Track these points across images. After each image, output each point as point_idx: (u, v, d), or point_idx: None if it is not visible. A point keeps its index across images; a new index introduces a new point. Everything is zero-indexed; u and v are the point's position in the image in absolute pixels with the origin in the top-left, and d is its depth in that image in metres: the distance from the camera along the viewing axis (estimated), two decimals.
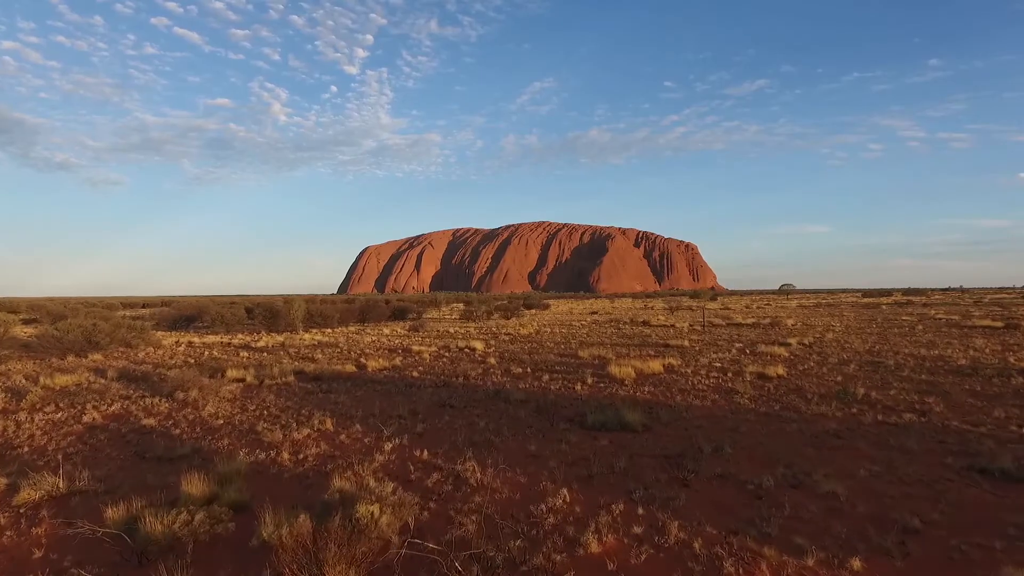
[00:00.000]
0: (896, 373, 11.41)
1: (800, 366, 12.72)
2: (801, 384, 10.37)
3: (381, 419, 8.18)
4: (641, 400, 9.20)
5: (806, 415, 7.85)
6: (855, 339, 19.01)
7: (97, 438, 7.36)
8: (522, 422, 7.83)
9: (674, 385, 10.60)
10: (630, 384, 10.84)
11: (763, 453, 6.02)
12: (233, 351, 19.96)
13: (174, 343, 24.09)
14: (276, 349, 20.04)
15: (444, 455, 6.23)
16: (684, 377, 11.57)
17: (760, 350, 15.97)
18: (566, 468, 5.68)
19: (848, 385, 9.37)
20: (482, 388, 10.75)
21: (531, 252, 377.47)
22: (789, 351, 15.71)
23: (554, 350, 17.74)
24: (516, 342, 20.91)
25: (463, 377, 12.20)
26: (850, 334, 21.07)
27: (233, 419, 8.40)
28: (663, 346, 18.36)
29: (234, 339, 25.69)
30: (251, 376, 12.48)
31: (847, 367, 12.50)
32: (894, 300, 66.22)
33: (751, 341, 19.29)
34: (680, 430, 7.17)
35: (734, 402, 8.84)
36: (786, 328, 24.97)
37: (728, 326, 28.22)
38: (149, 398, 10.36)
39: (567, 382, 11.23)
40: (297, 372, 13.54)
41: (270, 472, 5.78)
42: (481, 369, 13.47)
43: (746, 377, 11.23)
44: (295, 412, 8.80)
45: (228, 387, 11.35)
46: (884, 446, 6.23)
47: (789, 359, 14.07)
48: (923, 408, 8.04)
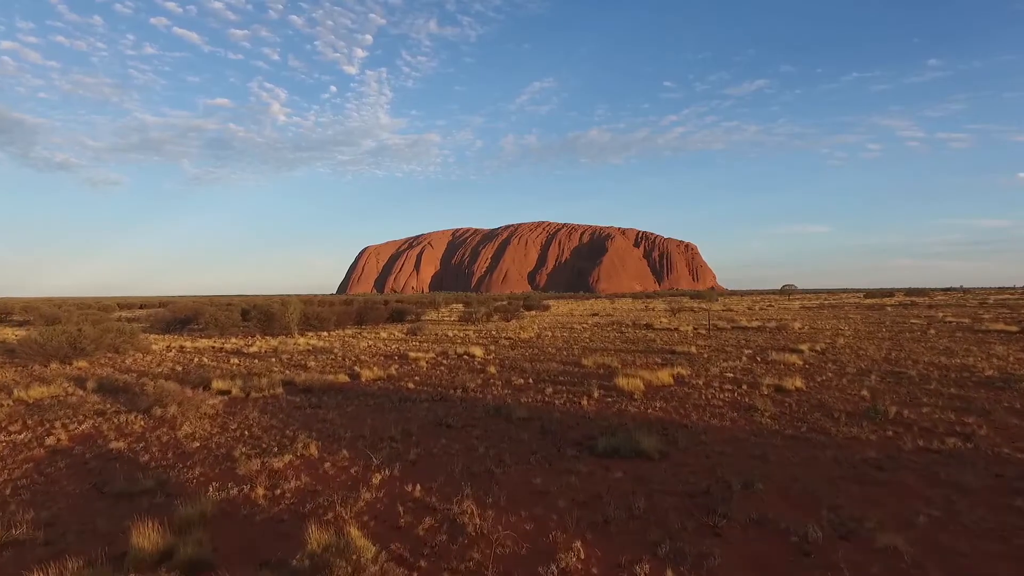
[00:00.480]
0: (922, 386, 10.71)
1: (818, 377, 12.03)
2: (823, 399, 9.68)
3: (371, 442, 7.49)
4: (653, 418, 8.51)
5: (837, 438, 7.15)
6: (868, 345, 18.31)
7: (57, 466, 6.66)
8: (525, 446, 7.13)
9: (687, 400, 9.90)
10: (639, 398, 10.14)
11: (800, 490, 5.32)
12: (224, 357, 19.26)
13: (165, 348, 23.38)
14: (268, 355, 19.33)
15: (439, 491, 5.53)
16: (696, 390, 10.87)
17: (771, 358, 15.28)
18: (577, 509, 4.98)
19: (877, 402, 8.68)
20: (481, 403, 10.06)
21: (531, 252, 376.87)
22: (802, 359, 15.02)
23: (556, 357, 17.04)
24: (517, 347, 20.21)
25: (461, 389, 11.51)
26: (862, 339, 20.38)
27: (211, 441, 7.70)
28: (669, 352, 17.67)
29: (227, 343, 24.99)
30: (237, 388, 11.78)
31: (868, 378, 11.80)
32: (897, 301, 65.56)
33: (760, 347, 18.60)
34: (701, 458, 6.47)
35: (755, 422, 8.14)
36: (794, 332, 24.29)
37: (733, 329, 27.53)
38: (124, 414, 9.65)
39: (572, 395, 10.53)
40: (287, 383, 12.84)
41: (241, 514, 5.08)
42: (481, 380, 12.77)
43: (763, 390, 10.53)
44: (279, 433, 8.10)
45: (211, 401, 10.64)
46: (935, 481, 5.53)
47: (804, 369, 13.37)
48: (965, 431, 7.35)
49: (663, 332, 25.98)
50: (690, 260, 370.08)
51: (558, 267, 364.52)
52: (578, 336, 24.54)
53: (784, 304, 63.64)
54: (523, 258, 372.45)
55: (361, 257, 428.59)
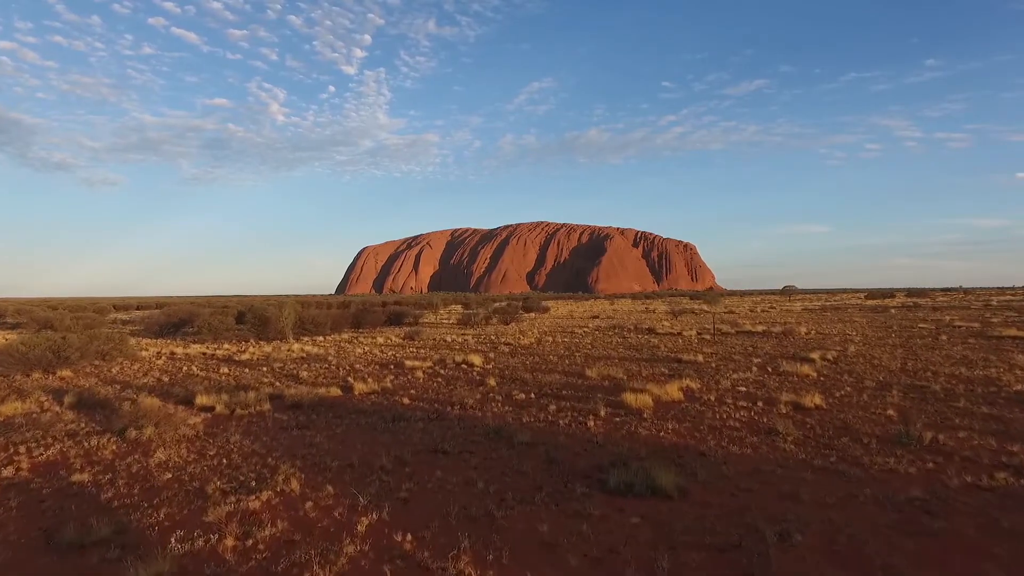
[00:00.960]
0: (950, 404, 10.07)
1: (836, 392, 11.37)
2: (847, 419, 9.02)
3: (360, 473, 6.82)
4: (667, 444, 7.85)
5: (872, 470, 6.50)
6: (882, 353, 17.67)
7: (7, 505, 5.99)
8: (529, 480, 6.47)
9: (701, 420, 9.24)
10: (649, 417, 9.48)
11: (845, 543, 4.66)
12: (214, 366, 18.59)
13: (154, 354, 22.70)
14: (260, 363, 18.66)
15: (432, 541, 4.87)
16: (709, 407, 10.22)
17: (783, 368, 14.64)
18: (591, 569, 4.33)
19: (907, 425, 8.03)
20: (481, 422, 9.39)
21: (529, 252, 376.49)
22: (815, 370, 14.37)
23: (558, 366, 16.38)
24: (516, 355, 19.56)
25: (459, 406, 10.84)
26: (874, 347, 19.74)
27: (184, 471, 7.03)
28: (675, 361, 17.03)
29: (220, 349, 24.33)
30: (222, 404, 11.10)
31: (889, 393, 11.16)
32: (900, 303, 65.00)
33: (769, 355, 17.96)
34: (726, 496, 5.82)
35: (779, 448, 7.49)
36: (801, 339, 23.65)
37: (738, 334, 26.90)
38: (97, 436, 8.98)
39: (577, 414, 9.87)
40: (275, 397, 12.18)
41: (204, 574, 4.41)
42: (480, 394, 12.10)
43: (781, 409, 9.88)
44: (260, 461, 7.43)
45: (192, 420, 9.97)
46: (996, 530, 4.88)
47: (820, 382, 12.72)
48: (1013, 462, 6.69)
49: (667, 337, 25.33)
50: (689, 260, 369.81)
51: (557, 267, 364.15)
52: (580, 342, 23.89)
53: (785, 306, 63.06)
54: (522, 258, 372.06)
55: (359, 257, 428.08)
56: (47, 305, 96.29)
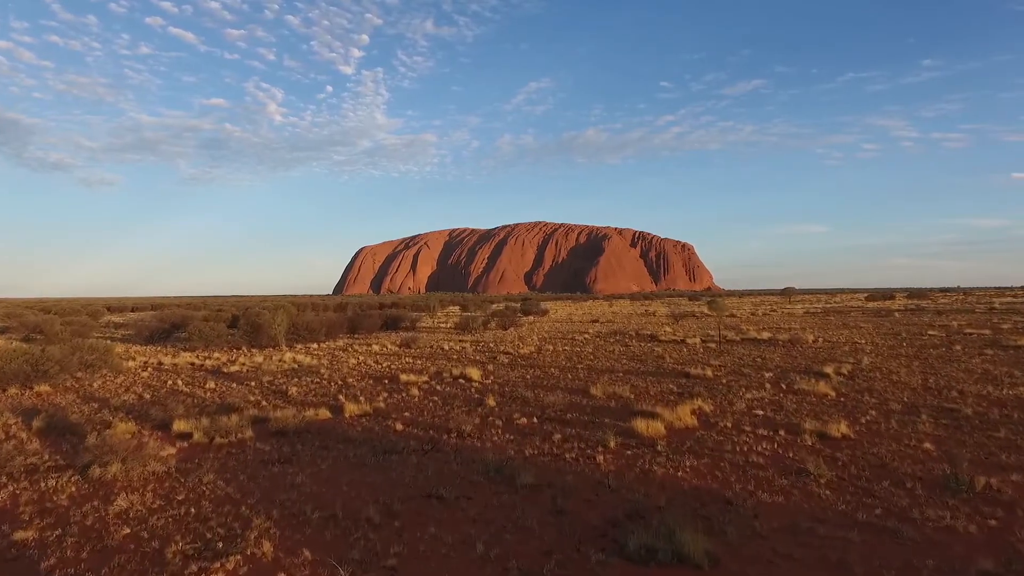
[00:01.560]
0: (989, 434, 9.30)
1: (861, 417, 10.60)
2: (881, 454, 8.25)
3: (343, 529, 6.03)
4: (687, 487, 7.07)
5: (926, 528, 5.72)
6: (898, 367, 16.93)
7: None
8: (536, 539, 5.68)
9: (720, 453, 8.47)
10: (664, 450, 8.70)
11: None
12: (201, 379, 17.79)
13: (141, 365, 21.88)
14: (249, 376, 17.84)
15: None
16: (727, 436, 9.44)
17: (798, 385, 13.88)
18: None
19: (954, 466, 7.26)
20: (479, 455, 8.60)
21: (527, 252, 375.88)
22: (832, 387, 13.62)
23: (560, 381, 15.61)
24: (516, 367, 18.78)
25: (456, 433, 10.05)
26: (887, 358, 19.00)
27: (145, 526, 6.22)
28: (682, 375, 16.26)
29: (210, 358, 23.54)
30: (200, 431, 10.28)
31: (918, 418, 10.40)
32: (902, 305, 64.41)
33: (780, 368, 17.21)
34: (763, 565, 5.03)
35: (813, 494, 6.71)
36: (810, 348, 22.91)
37: (743, 342, 26.17)
38: (57, 475, 8.16)
39: (585, 445, 9.09)
40: (259, 421, 11.37)
41: None
42: (478, 417, 11.31)
43: (806, 438, 9.10)
44: (232, 510, 6.62)
45: (165, 452, 9.15)
46: None
47: (841, 403, 11.96)
48: None
49: (670, 346, 24.56)
50: (687, 260, 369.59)
51: (555, 267, 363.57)
52: (581, 351, 23.12)
53: (787, 308, 62.39)
54: (520, 258, 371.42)
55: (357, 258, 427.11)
56: (42, 307, 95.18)
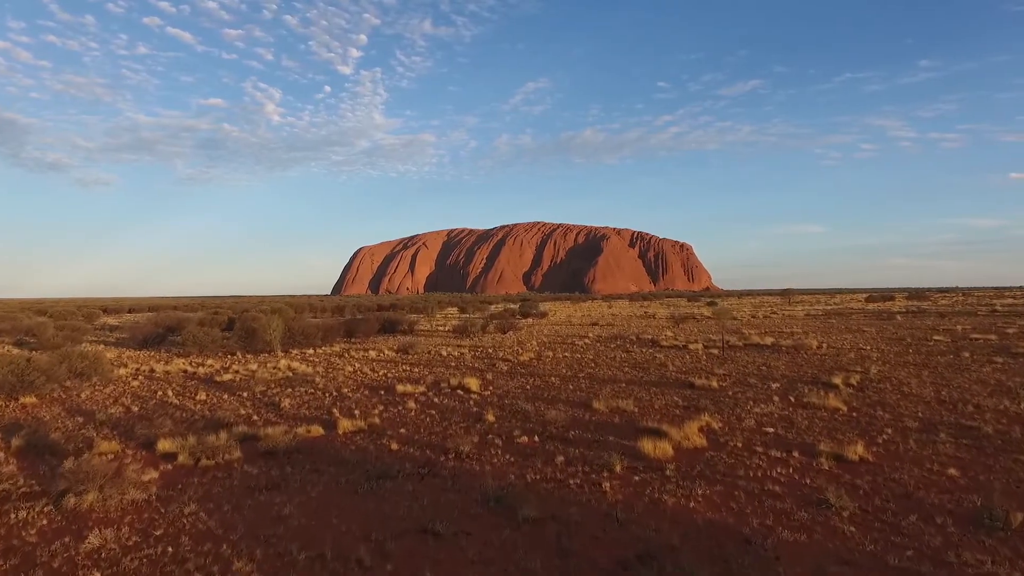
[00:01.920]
0: (1016, 457, 8.86)
1: (878, 436, 10.16)
2: (904, 481, 7.81)
3: (332, 570, 5.57)
4: (701, 521, 6.61)
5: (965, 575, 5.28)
6: (908, 376, 16.51)
7: None
8: None
9: (734, 480, 8.01)
10: (673, 475, 8.25)
11: None
12: (192, 389, 17.32)
13: (132, 373, 21.40)
14: (242, 386, 17.35)
15: None
16: (738, 458, 8.99)
17: (807, 398, 13.45)
18: None
19: (987, 499, 6.82)
20: (479, 481, 8.14)
21: (526, 252, 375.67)
22: (842, 400, 13.19)
23: (562, 392, 15.16)
24: (515, 375, 18.33)
25: (454, 454, 9.58)
26: (895, 366, 18.58)
27: (115, 570, 5.75)
28: (687, 386, 15.83)
29: (203, 365, 23.09)
30: (186, 452, 9.80)
31: (937, 437, 9.96)
32: (903, 307, 64.12)
33: (786, 377, 16.78)
34: None
35: (837, 531, 6.25)
36: (815, 355, 22.49)
37: (746, 348, 25.76)
38: (30, 505, 7.68)
39: (589, 469, 8.63)
40: (248, 439, 10.90)
41: None
42: (477, 435, 10.85)
43: (822, 461, 8.65)
44: (213, 549, 6.15)
45: (147, 477, 8.68)
46: None
47: (854, 419, 11.52)
48: None
49: (672, 352, 24.12)
50: (685, 260, 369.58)
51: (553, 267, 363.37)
52: (582, 357, 22.67)
53: (787, 310, 62.03)
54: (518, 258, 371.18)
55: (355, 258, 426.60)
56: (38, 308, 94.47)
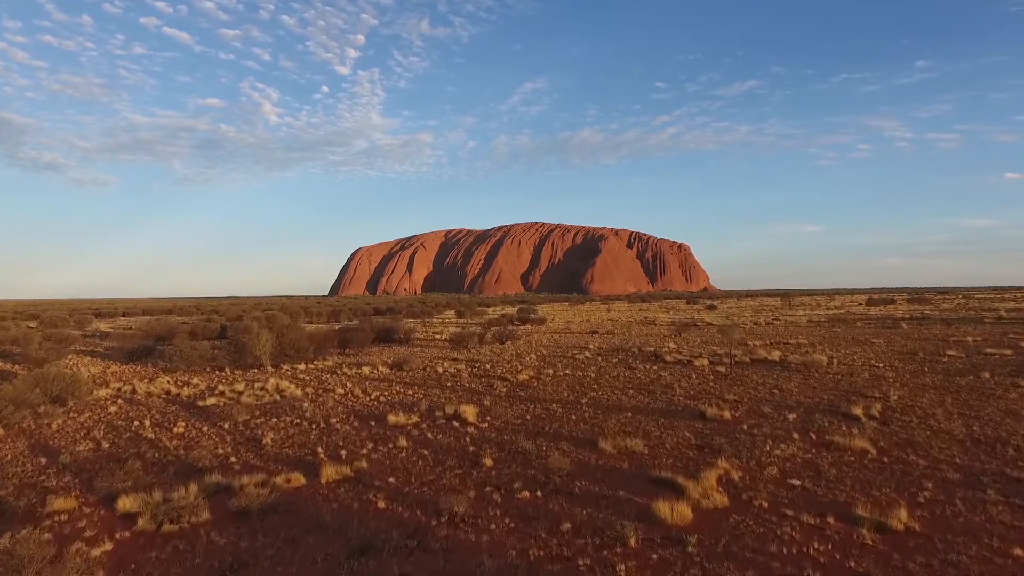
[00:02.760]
0: None
1: (918, 493, 9.15)
2: (965, 565, 6.82)
3: None
4: None
5: None
6: (930, 403, 15.54)
7: None
8: None
9: (767, 559, 7.01)
10: (696, 551, 7.24)
11: None
12: (173, 417, 16.38)
13: (111, 395, 20.43)
14: (224, 413, 16.34)
15: None
16: (767, 526, 7.99)
17: (829, 436, 12.50)
18: None
19: None
20: (475, 559, 7.13)
21: (524, 253, 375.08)
22: (868, 438, 12.24)
23: (565, 423, 14.17)
24: (515, 400, 17.34)
25: (447, 516, 8.57)
26: (914, 389, 17.63)
27: None
28: (698, 416, 14.85)
29: (188, 384, 22.15)
30: (148, 514, 8.76)
31: (984, 495, 8.98)
32: (906, 311, 63.33)
33: (801, 404, 15.81)
34: None
35: None
36: (827, 373, 21.54)
37: (754, 363, 24.83)
38: None
39: (600, 541, 7.61)
40: (220, 490, 9.90)
41: None
42: (473, 488, 9.83)
43: (863, 533, 7.66)
44: None
45: (98, 551, 7.65)
46: None
47: (887, 468, 10.53)
48: None
49: (677, 369, 23.11)
50: (683, 261, 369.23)
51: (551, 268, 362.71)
52: (583, 376, 21.67)
53: (788, 316, 61.17)
54: (516, 259, 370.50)
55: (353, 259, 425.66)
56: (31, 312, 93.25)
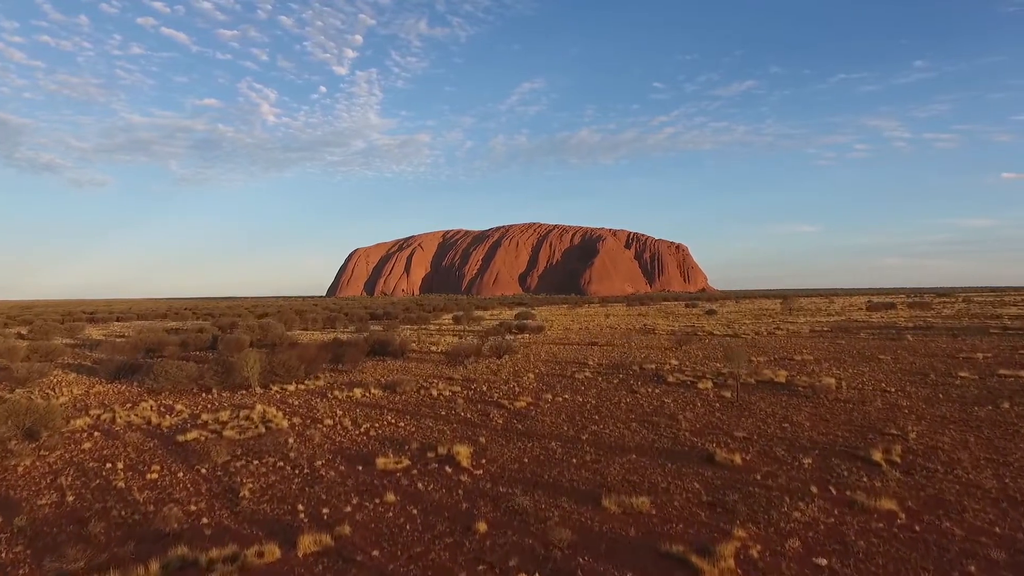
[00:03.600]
0: None
1: None
2: None
3: None
4: None
5: None
6: (952, 443, 14.64)
7: None
8: None
9: None
10: None
11: None
12: (150, 454, 15.56)
13: (90, 424, 19.55)
14: (205, 452, 15.39)
15: None
16: None
17: (850, 491, 11.61)
18: None
19: None
20: None
21: (522, 254, 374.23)
22: (894, 495, 11.36)
23: (565, 470, 13.21)
24: (511, 436, 16.38)
25: None
26: (932, 424, 16.73)
27: None
28: (706, 460, 13.93)
29: (171, 411, 21.32)
30: None
31: None
32: (907, 317, 62.62)
33: (815, 444, 14.89)
34: None
35: None
36: (836, 399, 20.66)
37: (759, 386, 23.97)
38: None
39: None
40: (182, 568, 8.97)
41: None
42: (465, 567, 8.90)
43: None
44: None
45: None
46: None
47: (919, 538, 9.61)
48: None
49: (680, 393, 22.12)
50: (681, 261, 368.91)
51: (549, 269, 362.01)
52: (583, 402, 20.72)
53: (790, 323, 60.37)
54: (514, 260, 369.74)
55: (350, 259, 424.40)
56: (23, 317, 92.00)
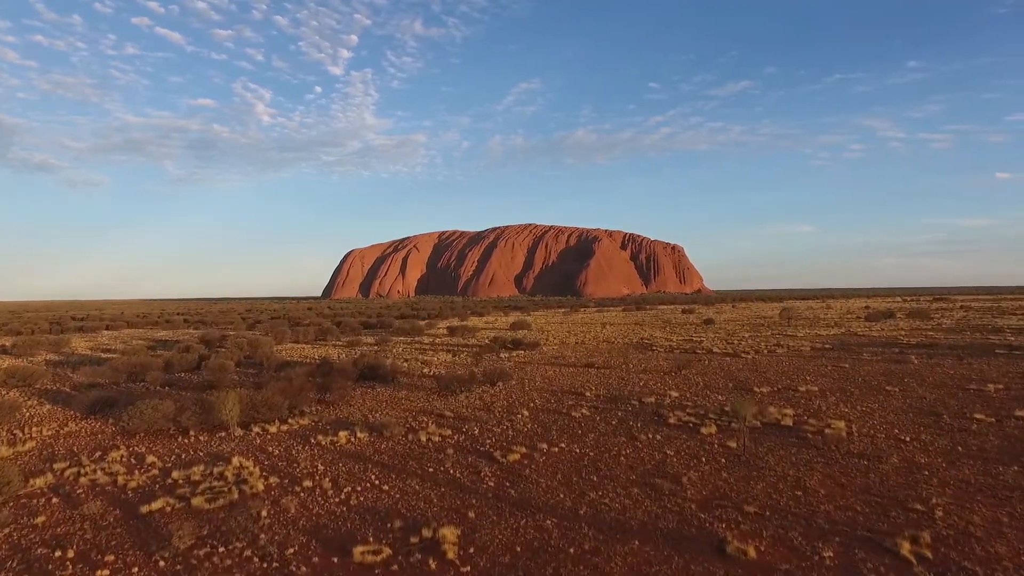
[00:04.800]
0: None
1: None
2: None
3: None
4: None
5: None
6: (982, 520, 13.43)
7: None
8: None
9: None
10: None
11: None
12: (108, 534, 14.18)
13: (48, 487, 18.18)
14: (166, 531, 13.94)
15: None
16: None
17: None
18: None
19: None
20: None
21: (517, 255, 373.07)
22: None
23: (563, 562, 11.90)
24: (504, 504, 14.94)
25: None
26: (956, 489, 15.52)
27: None
28: (715, 548, 12.67)
29: (144, 459, 20.07)
30: None
31: None
32: (908, 330, 61.64)
33: (834, 525, 13.65)
34: None
35: None
36: (848, 452, 19.46)
37: (765, 429, 22.77)
38: None
39: None
40: None
41: None
42: None
43: None
44: None
45: None
46: None
47: None
48: None
49: (683, 441, 20.77)
50: (677, 262, 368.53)
51: (545, 270, 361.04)
52: (580, 455, 19.37)
53: (789, 339, 59.26)
54: (510, 261, 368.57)
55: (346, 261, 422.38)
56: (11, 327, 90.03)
